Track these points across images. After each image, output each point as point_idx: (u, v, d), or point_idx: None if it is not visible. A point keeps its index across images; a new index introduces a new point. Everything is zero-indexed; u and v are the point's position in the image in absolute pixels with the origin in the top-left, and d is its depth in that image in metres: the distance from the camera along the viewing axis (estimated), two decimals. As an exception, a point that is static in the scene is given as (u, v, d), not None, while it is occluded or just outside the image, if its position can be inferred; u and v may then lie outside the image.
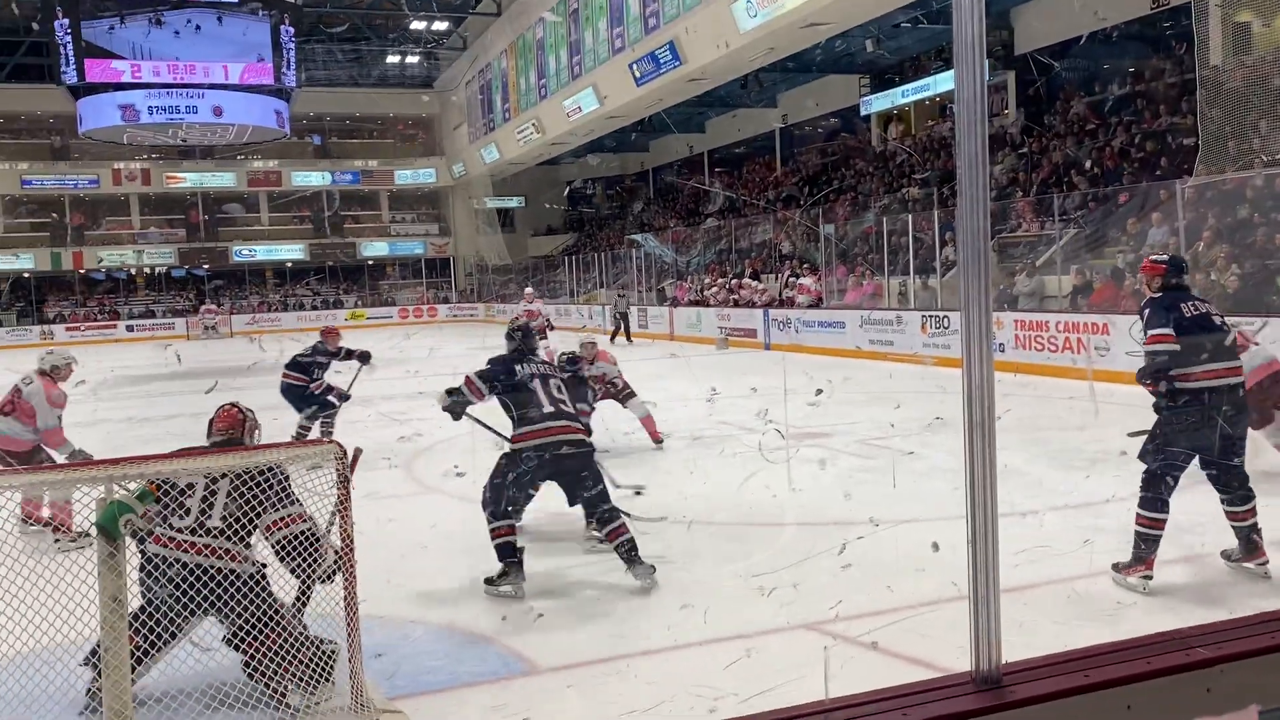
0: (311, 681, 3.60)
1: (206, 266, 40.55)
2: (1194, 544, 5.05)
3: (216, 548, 3.76)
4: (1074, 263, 14.45)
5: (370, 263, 42.55)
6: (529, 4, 30.38)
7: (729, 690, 3.58)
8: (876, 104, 24.80)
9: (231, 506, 3.75)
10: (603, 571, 5.21)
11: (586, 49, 26.95)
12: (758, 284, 21.72)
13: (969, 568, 1.69)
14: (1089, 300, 13.40)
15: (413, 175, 41.98)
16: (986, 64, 1.69)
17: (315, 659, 3.63)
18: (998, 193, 17.76)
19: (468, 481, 5.73)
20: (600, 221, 40.12)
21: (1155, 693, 1.66)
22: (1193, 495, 4.90)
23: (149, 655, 3.62)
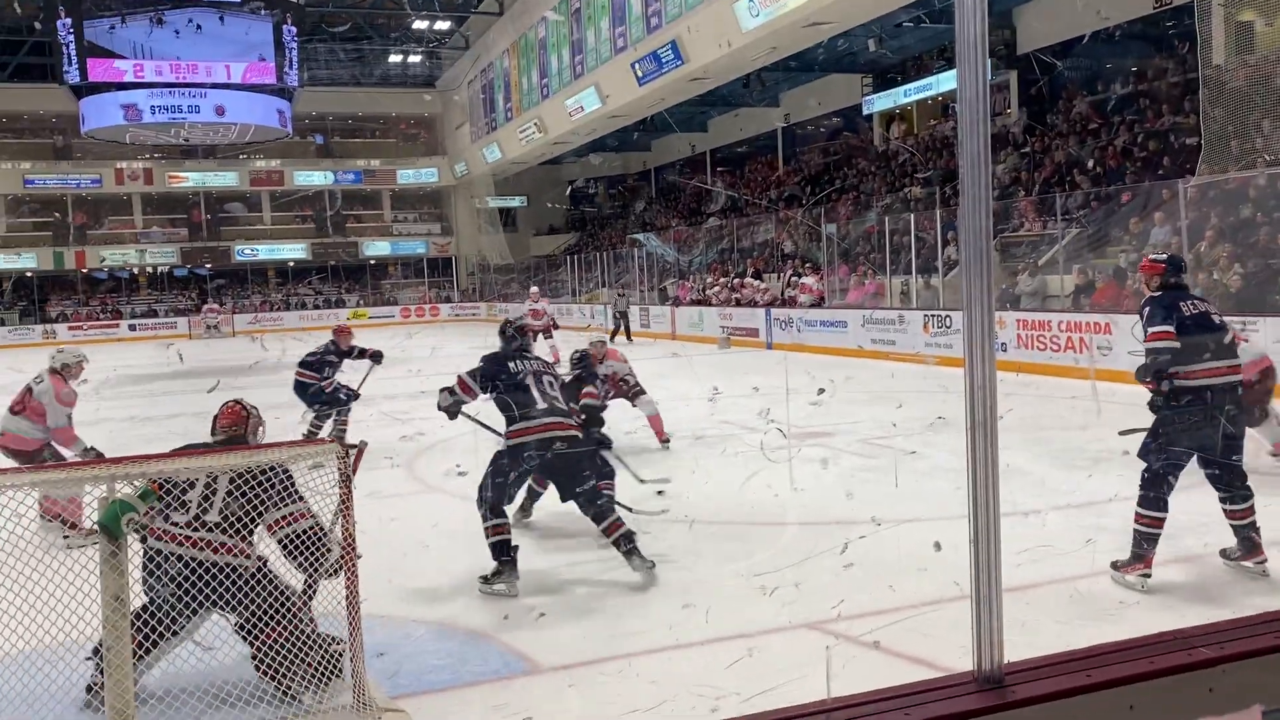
0: (320, 678, 3.60)
1: (209, 266, 40.59)
2: (1196, 544, 5.05)
3: (214, 542, 3.78)
4: (1076, 262, 14.44)
5: (372, 262, 42.57)
6: (531, 3, 30.38)
7: (731, 690, 3.58)
8: (879, 103, 24.79)
9: (231, 503, 3.76)
10: (604, 570, 5.21)
11: (588, 48, 26.95)
12: (760, 283, 21.71)
13: (971, 567, 1.69)
14: (1091, 300, 13.39)
15: (415, 175, 42.00)
16: (989, 63, 1.68)
17: (324, 655, 3.63)
18: (1000, 192, 17.75)
19: (470, 480, 5.73)
20: (602, 221, 40.12)
21: (1158, 693, 1.65)
22: (1194, 495, 4.90)
23: (151, 650, 3.63)
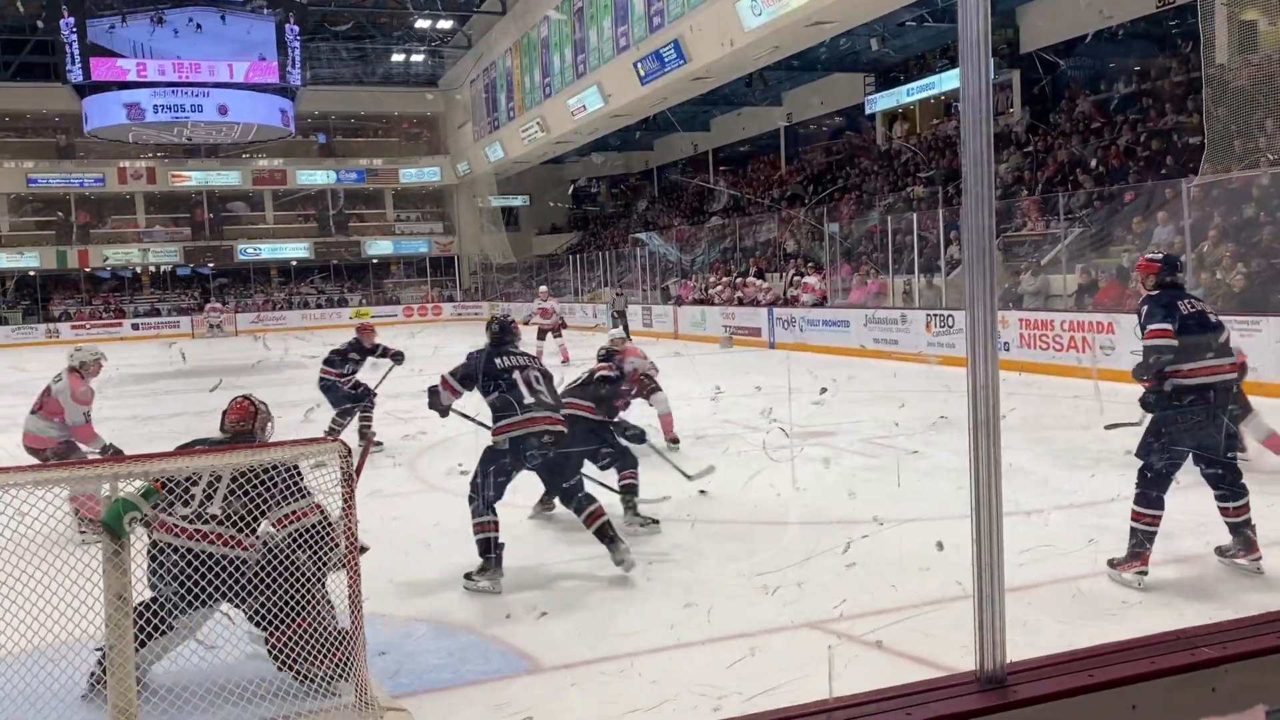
0: (341, 668, 3.61)
1: (211, 265, 40.62)
2: (1196, 544, 5.04)
3: (215, 534, 3.80)
4: (1079, 261, 14.42)
5: (375, 261, 42.58)
6: (534, 2, 30.38)
7: (732, 689, 3.58)
8: (881, 102, 24.76)
9: (233, 498, 3.78)
10: (606, 569, 5.20)
11: (591, 47, 26.95)
12: (762, 283, 21.70)
13: (973, 567, 1.69)
14: (1094, 299, 13.37)
15: (417, 174, 42.01)
16: (992, 62, 1.68)
17: (338, 646, 3.64)
18: (1003, 191, 17.73)
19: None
20: (605, 220, 40.12)
21: (1160, 693, 1.65)
22: (1192, 495, 4.90)
23: (154, 641, 3.65)
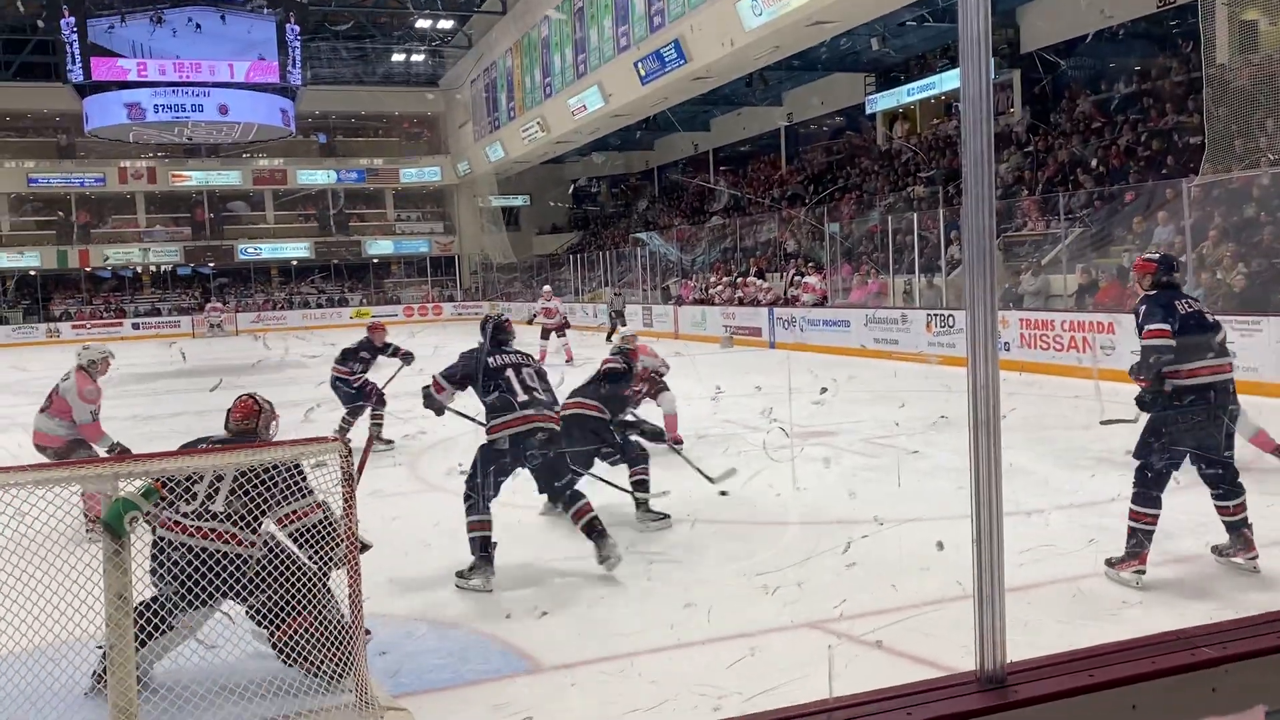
0: (341, 666, 3.62)
1: (212, 265, 40.62)
2: (1196, 544, 5.04)
3: (216, 531, 3.82)
4: (1080, 261, 14.42)
5: (375, 261, 42.58)
6: (534, 2, 30.37)
7: (732, 689, 3.58)
8: (882, 102, 24.75)
9: (236, 496, 3.79)
10: (606, 570, 5.20)
11: (591, 47, 26.95)
12: (762, 282, 21.70)
13: (974, 567, 1.68)
14: (1094, 299, 13.37)
15: (418, 173, 42.01)
16: (992, 62, 1.68)
17: (344, 642, 3.65)
18: (1003, 191, 17.73)
19: (472, 480, 5.73)
20: (605, 220, 40.13)
21: (1160, 693, 1.65)
22: (1192, 495, 4.90)
23: (155, 640, 3.66)
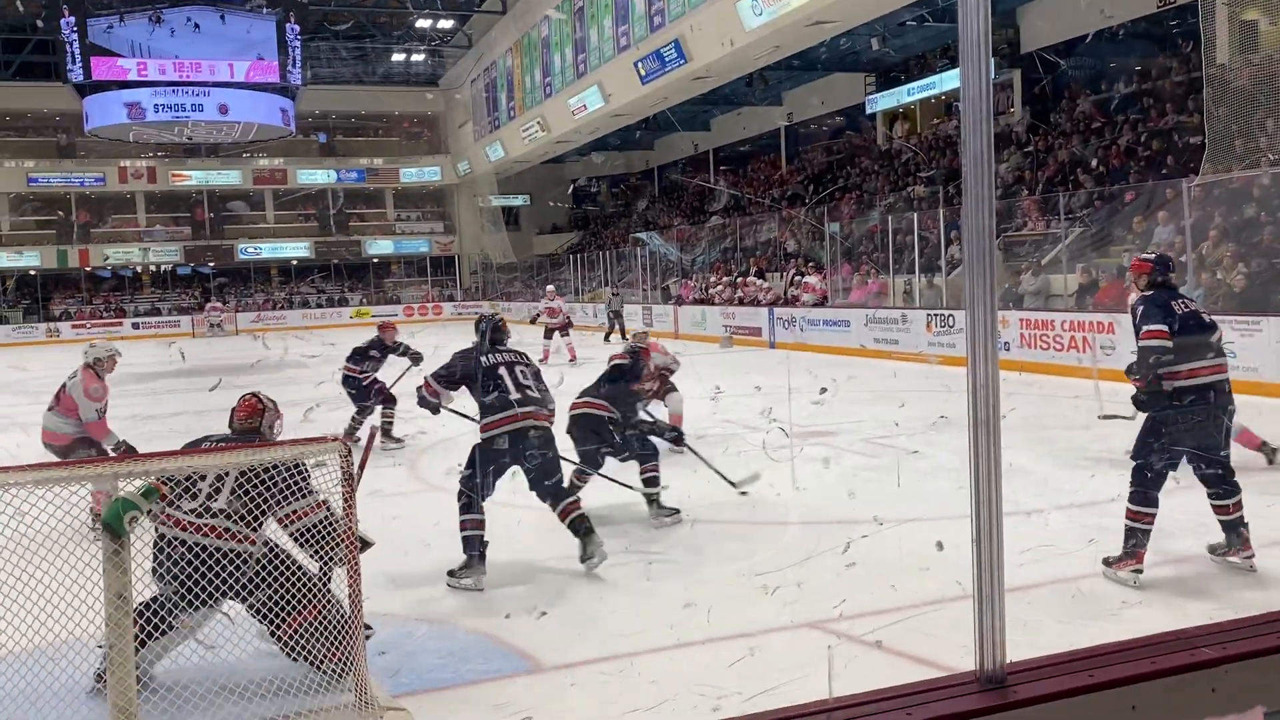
0: (343, 665, 3.62)
1: (212, 264, 40.61)
2: (1196, 545, 5.03)
3: (217, 528, 3.84)
4: (1080, 261, 14.42)
5: (375, 261, 42.58)
6: (534, 2, 30.37)
7: (732, 689, 3.58)
8: (882, 102, 24.75)
9: (238, 494, 3.81)
10: (606, 569, 5.21)
11: (591, 47, 26.95)
12: (762, 282, 21.70)
13: (973, 567, 1.68)
14: (1095, 299, 13.37)
15: (418, 173, 42.01)
16: (992, 62, 1.68)
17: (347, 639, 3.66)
18: (1003, 191, 17.73)
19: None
20: (605, 220, 40.13)
21: (1160, 693, 1.65)
22: (1191, 496, 4.90)
23: (159, 636, 3.66)
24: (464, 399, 5.57)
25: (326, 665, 3.69)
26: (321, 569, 3.89)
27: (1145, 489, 4.67)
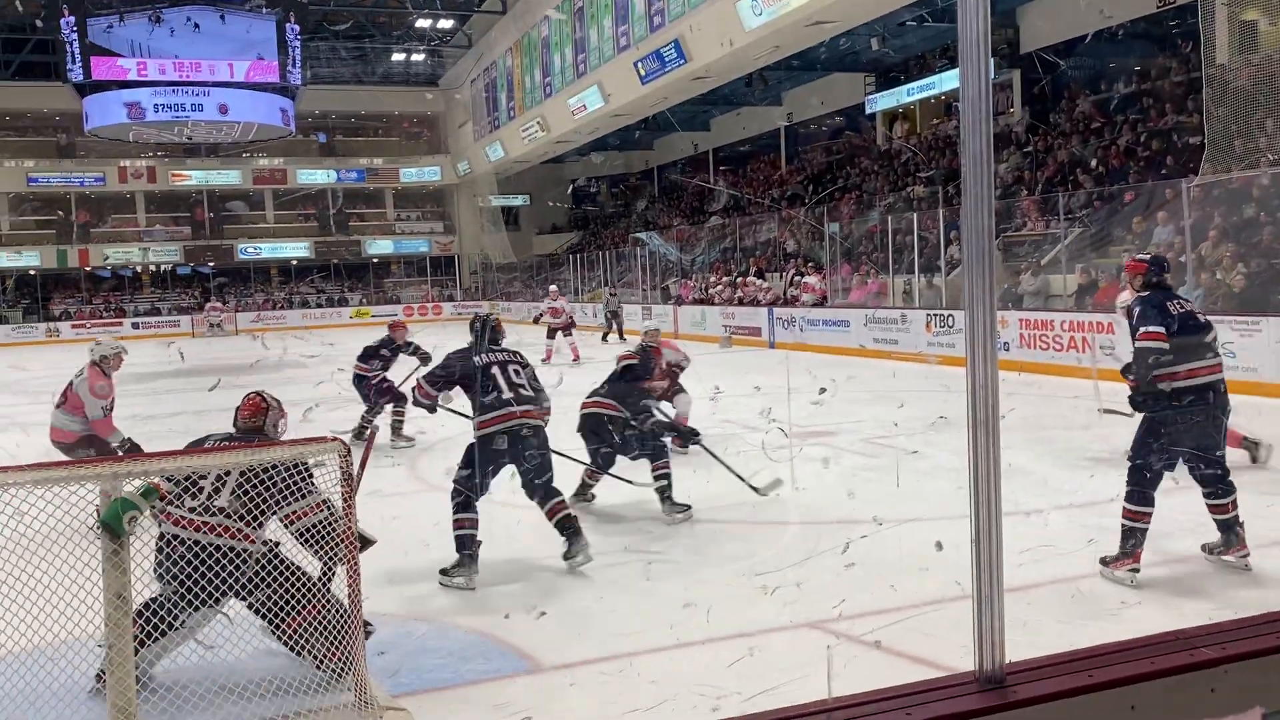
0: (342, 661, 3.62)
1: (212, 264, 40.61)
2: (1196, 544, 5.03)
3: (218, 526, 3.84)
4: (1079, 261, 14.43)
5: (375, 260, 42.57)
6: (534, 2, 30.37)
7: (732, 689, 3.58)
8: (881, 102, 24.76)
9: (236, 495, 3.81)
10: (606, 570, 5.21)
11: (591, 47, 26.95)
12: (762, 282, 21.70)
13: (973, 567, 1.68)
14: (1094, 299, 13.37)
15: (418, 173, 42.01)
16: (992, 62, 1.68)
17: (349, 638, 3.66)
18: (1003, 191, 17.73)
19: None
20: (605, 220, 40.13)
21: (1159, 693, 1.65)
22: (1190, 496, 4.90)
23: (161, 635, 3.66)
24: (462, 399, 5.59)
25: (328, 663, 3.69)
26: (324, 568, 3.89)
27: (1144, 489, 4.68)
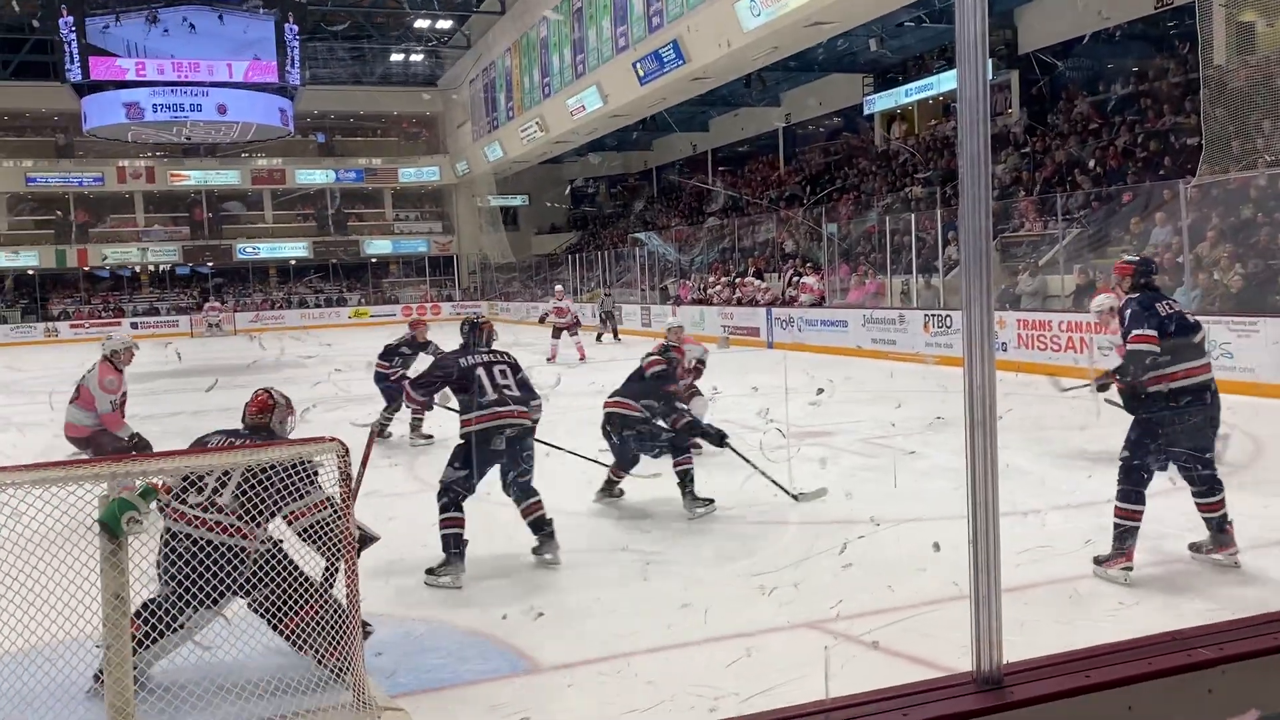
0: (341, 659, 3.62)
1: (210, 264, 40.59)
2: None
3: (220, 523, 3.85)
4: (1077, 262, 14.44)
5: (374, 260, 42.56)
6: (532, 2, 30.37)
7: (729, 690, 3.58)
8: (879, 103, 24.78)
9: (242, 491, 3.81)
10: (604, 570, 5.21)
11: (590, 47, 26.95)
12: (760, 283, 21.71)
13: (970, 567, 1.69)
14: (1091, 300, 13.37)
15: (416, 173, 42.01)
16: (989, 63, 1.68)
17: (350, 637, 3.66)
18: (1000, 192, 17.74)
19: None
20: (603, 220, 40.13)
21: (1157, 693, 1.65)
22: (1188, 497, 4.89)
23: (161, 634, 3.66)
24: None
25: (329, 662, 3.69)
26: (328, 566, 3.90)
27: (1137, 488, 4.70)
